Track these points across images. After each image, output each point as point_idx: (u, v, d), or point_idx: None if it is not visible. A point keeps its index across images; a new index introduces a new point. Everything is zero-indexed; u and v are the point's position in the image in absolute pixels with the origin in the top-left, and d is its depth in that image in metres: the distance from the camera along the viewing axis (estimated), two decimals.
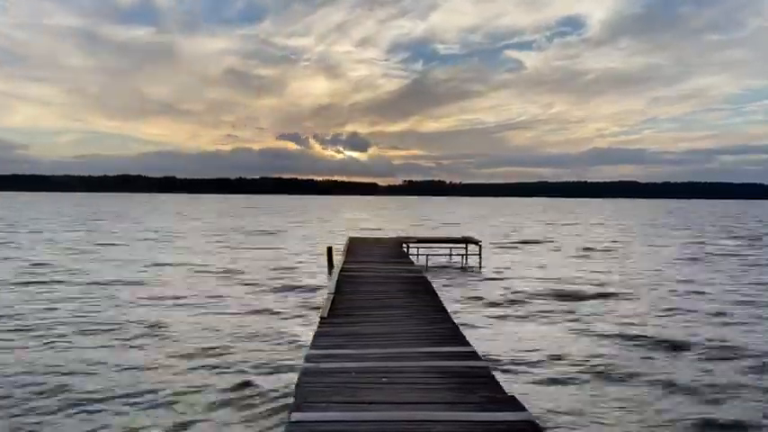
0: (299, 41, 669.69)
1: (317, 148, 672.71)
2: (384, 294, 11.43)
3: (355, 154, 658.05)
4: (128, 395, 8.37)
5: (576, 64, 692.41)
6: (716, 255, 30.24)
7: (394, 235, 31.74)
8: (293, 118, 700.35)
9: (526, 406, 5.23)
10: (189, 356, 10.40)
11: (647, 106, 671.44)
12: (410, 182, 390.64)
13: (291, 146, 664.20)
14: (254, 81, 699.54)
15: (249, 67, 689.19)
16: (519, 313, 14.69)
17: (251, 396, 8.46)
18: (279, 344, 11.42)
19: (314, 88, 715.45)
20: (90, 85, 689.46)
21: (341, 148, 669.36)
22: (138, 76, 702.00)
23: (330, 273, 19.12)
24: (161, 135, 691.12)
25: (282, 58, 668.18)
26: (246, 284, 18.83)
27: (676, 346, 11.39)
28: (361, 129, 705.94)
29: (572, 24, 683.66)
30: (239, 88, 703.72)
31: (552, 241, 38.60)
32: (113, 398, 8.27)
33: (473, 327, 12.61)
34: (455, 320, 9.10)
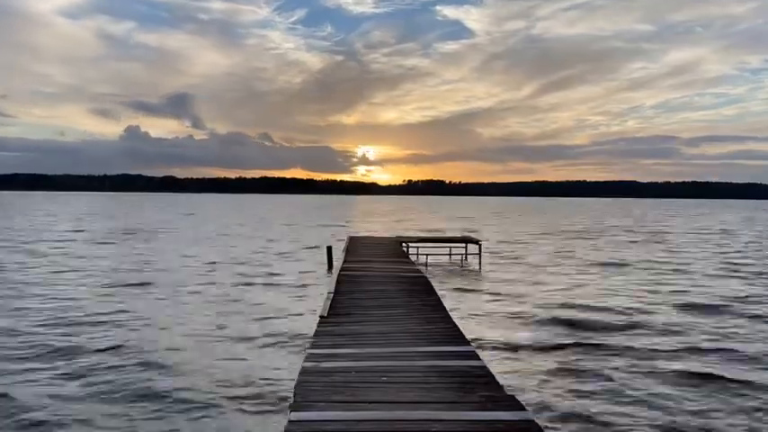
0: None
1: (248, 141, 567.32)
2: (384, 294, 11.43)
3: (303, 145, 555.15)
4: None
5: (530, 28, 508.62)
6: None
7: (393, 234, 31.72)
8: (211, 103, 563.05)
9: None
10: None
11: (627, 89, 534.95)
12: (410, 181, 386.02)
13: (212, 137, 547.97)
14: (151, 54, 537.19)
15: (127, 32, 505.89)
16: (519, 311, 14.67)
17: None
18: None
19: (223, 66, 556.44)
20: None
21: (286, 141, 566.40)
22: None
23: (330, 272, 19.15)
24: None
25: (158, 18, 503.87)
26: None
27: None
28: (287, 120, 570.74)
29: None
30: (140, 63, 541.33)
31: None
32: None
33: (472, 326, 12.60)
34: (454, 320, 9.09)
